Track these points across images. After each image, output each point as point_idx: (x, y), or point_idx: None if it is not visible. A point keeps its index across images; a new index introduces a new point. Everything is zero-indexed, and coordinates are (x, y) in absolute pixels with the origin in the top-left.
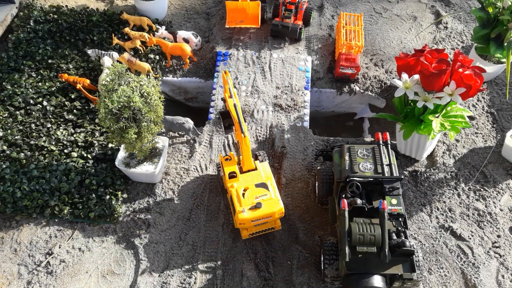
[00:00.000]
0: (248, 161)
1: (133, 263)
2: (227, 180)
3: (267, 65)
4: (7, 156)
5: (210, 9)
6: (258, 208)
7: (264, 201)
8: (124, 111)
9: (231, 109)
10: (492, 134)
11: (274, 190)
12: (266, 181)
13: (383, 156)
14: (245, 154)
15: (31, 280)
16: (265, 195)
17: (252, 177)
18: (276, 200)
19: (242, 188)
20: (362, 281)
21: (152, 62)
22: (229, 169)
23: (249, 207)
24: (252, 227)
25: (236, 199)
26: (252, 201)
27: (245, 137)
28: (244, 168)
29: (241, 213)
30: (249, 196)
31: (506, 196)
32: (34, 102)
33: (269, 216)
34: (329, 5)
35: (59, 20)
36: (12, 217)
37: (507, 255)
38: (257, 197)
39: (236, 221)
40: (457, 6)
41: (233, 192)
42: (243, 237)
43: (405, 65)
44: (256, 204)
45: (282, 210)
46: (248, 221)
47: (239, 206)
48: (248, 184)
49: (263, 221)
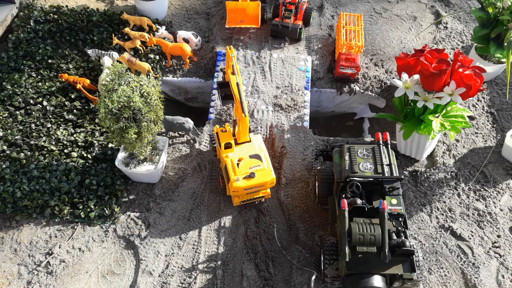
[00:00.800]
0: (244, 135)
1: (133, 263)
2: (222, 150)
3: (267, 65)
4: (7, 156)
5: (210, 9)
6: (252, 177)
7: (258, 171)
8: (124, 111)
9: (233, 87)
10: (492, 134)
11: (267, 161)
12: (260, 153)
13: (383, 156)
14: (243, 130)
15: (31, 280)
16: (258, 166)
17: (246, 149)
18: (269, 171)
19: (237, 158)
20: (362, 281)
21: (152, 62)
22: (225, 140)
23: (243, 176)
24: (244, 195)
25: (231, 169)
26: (246, 170)
27: (246, 116)
28: (239, 140)
29: (235, 182)
30: (243, 166)
31: (506, 196)
32: (34, 102)
33: (261, 185)
34: (329, 5)
35: (59, 20)
36: (12, 217)
37: (507, 255)
38: (250, 167)
39: (230, 188)
40: (457, 6)
41: (227, 162)
42: (235, 203)
43: (405, 65)
44: (250, 174)
45: (273, 180)
46: (242, 189)
47: (233, 175)
48: (242, 155)
49: (255, 190)
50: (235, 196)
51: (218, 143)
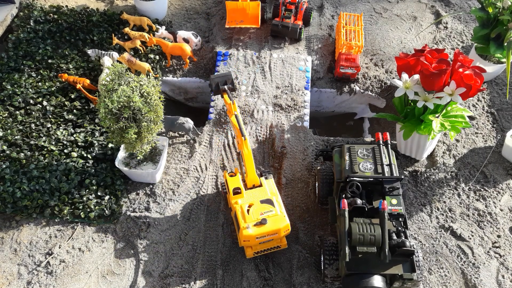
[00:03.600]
0: (251, 171)
1: (133, 263)
2: (231, 196)
3: (267, 65)
4: (7, 156)
5: (210, 9)
6: (263, 224)
7: (270, 217)
8: (124, 111)
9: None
10: (492, 134)
11: (280, 206)
12: (272, 197)
13: (383, 156)
14: (247, 160)
15: (31, 280)
16: (270, 211)
17: (257, 194)
18: (282, 216)
19: (247, 205)
20: (362, 281)
21: (152, 62)
22: (234, 185)
23: (254, 223)
24: (257, 244)
25: (241, 215)
26: (257, 217)
27: (245, 139)
28: (248, 183)
29: (245, 229)
30: (254, 212)
31: (506, 196)
32: (34, 102)
33: (274, 232)
34: (329, 5)
35: (59, 20)
36: (12, 217)
37: (507, 255)
38: (262, 213)
39: (241, 238)
40: (457, 6)
41: (237, 209)
42: (248, 256)
43: (405, 65)
44: (261, 220)
45: (288, 227)
46: (253, 238)
47: (243, 222)
48: (253, 200)
49: (269, 238)
50: (247, 246)
51: (228, 190)
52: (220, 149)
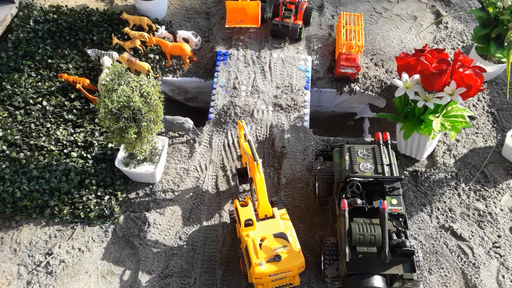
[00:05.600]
0: (263, 200)
1: (133, 263)
2: (242, 228)
3: (267, 65)
4: (7, 156)
5: (210, 9)
6: (277, 261)
7: (284, 253)
8: (124, 111)
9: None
10: (493, 134)
11: (295, 241)
12: (285, 231)
13: (383, 156)
14: (260, 186)
15: (31, 280)
16: (284, 247)
17: (269, 226)
18: (297, 253)
19: (259, 238)
20: (362, 281)
21: (152, 62)
22: (245, 216)
23: (267, 260)
24: (268, 282)
25: (253, 250)
26: (270, 253)
27: (258, 164)
28: (260, 213)
29: (257, 266)
30: (266, 247)
31: (506, 196)
32: (34, 102)
33: (288, 270)
34: (329, 5)
35: (59, 20)
36: (12, 217)
37: (508, 255)
38: (275, 248)
39: (252, 275)
40: (457, 6)
41: (249, 243)
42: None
43: (406, 65)
44: (275, 257)
45: (303, 264)
46: (266, 276)
47: (255, 258)
48: (265, 233)
49: (282, 275)
50: (258, 284)
51: (238, 221)
52: (220, 149)
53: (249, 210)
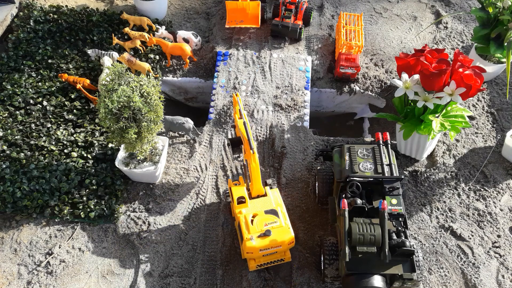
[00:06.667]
0: (257, 183)
1: (133, 263)
2: (235, 205)
3: (267, 65)
4: (7, 156)
5: (210, 9)
6: (267, 236)
7: (274, 229)
8: (124, 111)
9: (240, 128)
10: (492, 134)
11: (285, 218)
12: (276, 208)
13: (383, 156)
14: (254, 173)
15: (31, 280)
16: (275, 223)
17: (261, 203)
18: (287, 228)
19: (251, 215)
20: (362, 281)
21: (152, 62)
22: (238, 194)
23: (258, 235)
24: (260, 257)
25: (244, 226)
26: (261, 228)
27: (254, 153)
28: (253, 192)
29: (249, 241)
30: (258, 223)
31: (506, 196)
32: (34, 102)
33: (278, 245)
34: (329, 5)
35: (59, 20)
36: (12, 217)
37: (507, 255)
38: (266, 224)
39: (244, 249)
40: (457, 6)
41: (241, 219)
42: (250, 268)
43: (405, 65)
44: (265, 232)
45: (292, 239)
46: (256, 250)
47: (247, 233)
48: (257, 210)
49: (272, 250)
50: (250, 258)
51: (232, 199)
52: (220, 149)
53: (242, 188)
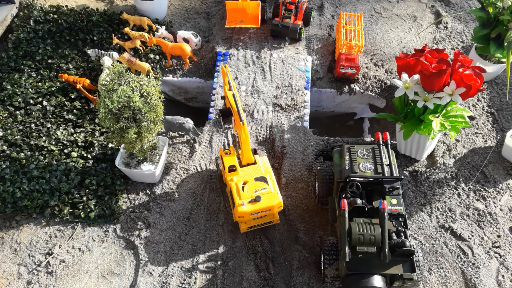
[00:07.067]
0: (247, 152)
1: (133, 263)
2: (226, 173)
3: (267, 65)
4: (7, 156)
5: (210, 9)
6: (258, 201)
7: (263, 195)
8: (124, 111)
9: (230, 99)
10: (492, 134)
11: (273, 184)
12: (266, 175)
13: (383, 156)
14: (244, 144)
15: (31, 280)
16: (264, 189)
17: (251, 171)
18: (275, 194)
19: (242, 182)
20: (362, 281)
21: (152, 62)
22: (229, 163)
23: (249, 200)
24: (251, 220)
25: (236, 193)
26: (251, 194)
27: (244, 125)
28: (243, 161)
29: (240, 206)
30: (248, 189)
31: (506, 196)
32: (34, 102)
33: (268, 209)
34: (329, 5)
35: (59, 20)
36: (12, 217)
37: (507, 255)
38: (256, 190)
39: (235, 214)
40: (457, 6)
41: (232, 186)
42: (242, 230)
43: (405, 65)
44: (256, 198)
45: (281, 204)
46: (247, 214)
47: (238, 199)
48: (247, 177)
49: (262, 214)
50: (241, 222)
51: (223, 167)
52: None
53: (233, 158)
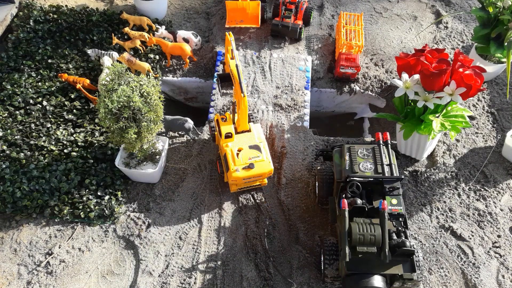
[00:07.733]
0: (244, 122)
1: (133, 263)
2: (222, 139)
3: (267, 65)
4: (7, 156)
5: (210, 8)
6: (251, 168)
7: (257, 162)
8: (124, 111)
9: (232, 69)
10: (493, 134)
11: (266, 152)
12: (259, 144)
13: (383, 156)
14: (242, 114)
15: (31, 280)
16: (257, 157)
17: (246, 139)
18: (267, 162)
19: (237, 148)
20: (362, 281)
21: (152, 62)
22: (226, 129)
23: (242, 167)
24: (242, 183)
25: (231, 159)
26: (245, 161)
27: (244, 97)
28: (239, 128)
29: (234, 172)
30: (242, 156)
31: (506, 196)
32: (34, 102)
33: (260, 175)
34: (329, 5)
35: (59, 20)
36: (12, 217)
37: (507, 255)
38: (250, 158)
39: (229, 177)
40: (458, 6)
41: (227, 152)
42: (232, 190)
43: (405, 65)
44: (249, 165)
45: (271, 171)
46: (240, 179)
47: (233, 165)
48: (242, 145)
49: (253, 179)
50: (232, 184)
51: (218, 131)
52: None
53: (229, 125)
